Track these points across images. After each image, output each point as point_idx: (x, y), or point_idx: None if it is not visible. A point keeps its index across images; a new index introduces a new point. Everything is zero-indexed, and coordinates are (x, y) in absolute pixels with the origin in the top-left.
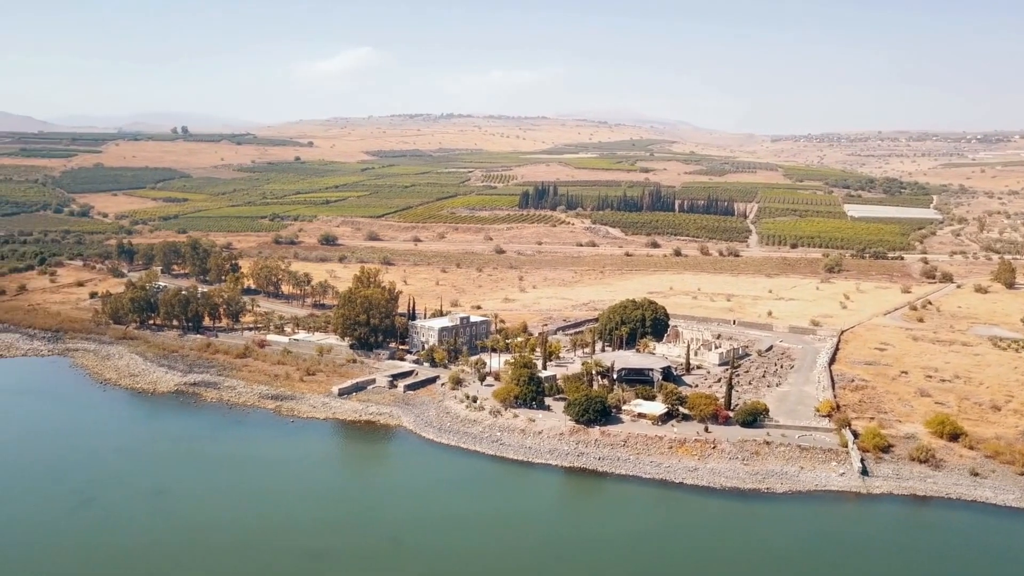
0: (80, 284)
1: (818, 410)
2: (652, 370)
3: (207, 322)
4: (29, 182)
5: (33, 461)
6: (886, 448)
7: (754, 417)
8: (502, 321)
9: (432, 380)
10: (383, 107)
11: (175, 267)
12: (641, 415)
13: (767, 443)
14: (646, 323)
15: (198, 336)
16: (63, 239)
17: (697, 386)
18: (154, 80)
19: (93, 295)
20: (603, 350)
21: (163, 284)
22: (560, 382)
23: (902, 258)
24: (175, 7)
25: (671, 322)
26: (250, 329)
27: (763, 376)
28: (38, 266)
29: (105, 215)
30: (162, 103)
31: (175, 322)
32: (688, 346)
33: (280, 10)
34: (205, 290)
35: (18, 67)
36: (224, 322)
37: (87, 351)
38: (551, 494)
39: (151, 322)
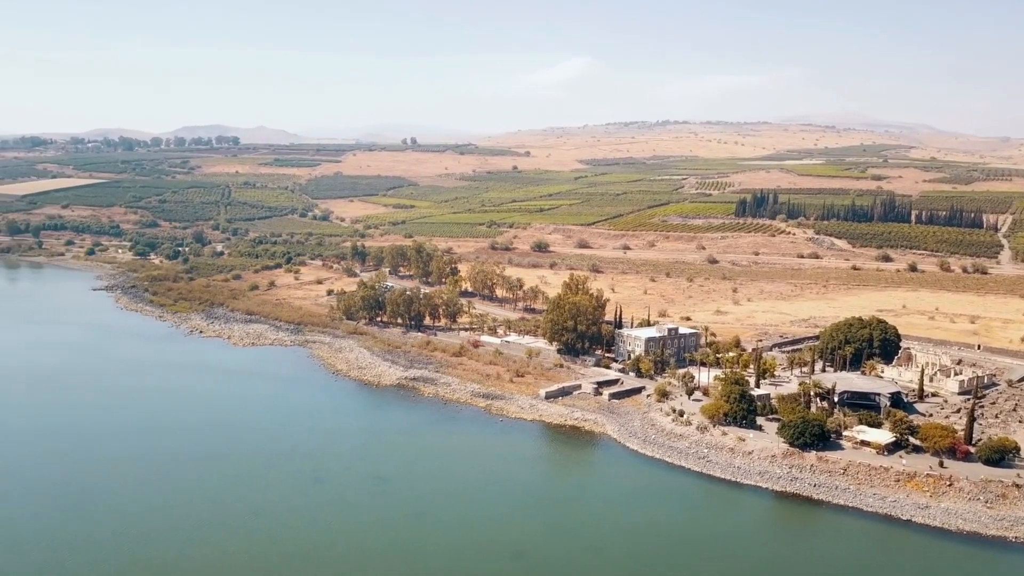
0: (319, 282)
1: None
2: (879, 395)
3: (428, 321)
4: (280, 189)
5: (276, 439)
6: None
7: (1001, 455)
8: (712, 334)
9: (637, 390)
10: (598, 115)
11: (401, 269)
12: (864, 443)
13: (1017, 486)
14: (873, 343)
15: (419, 334)
16: (306, 240)
17: (931, 416)
18: (389, 94)
19: (330, 292)
20: (823, 370)
21: (390, 284)
22: (774, 402)
23: None
24: (408, 27)
25: (903, 344)
26: (466, 329)
27: (1014, 409)
28: (285, 265)
29: (342, 219)
30: (395, 115)
31: (399, 320)
32: (922, 371)
33: (504, 24)
34: (427, 291)
35: (276, 88)
36: (443, 322)
37: (322, 343)
38: (761, 517)
39: (378, 319)
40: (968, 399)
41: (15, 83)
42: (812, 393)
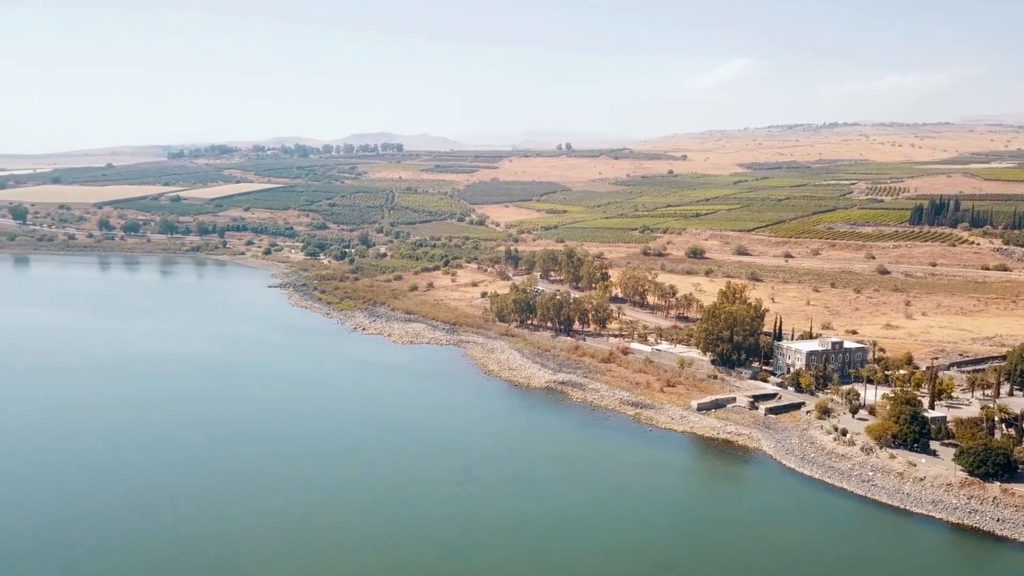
0: (474, 284)
1: None
2: None
3: (577, 326)
4: (440, 194)
5: (432, 436)
6: None
7: None
8: (881, 350)
9: (796, 406)
10: (760, 118)
11: (552, 273)
12: None
13: None
14: None
15: (568, 338)
16: (463, 244)
17: None
18: (546, 99)
19: (483, 295)
20: (1010, 394)
21: (541, 288)
22: (951, 425)
23: None
24: (565, 31)
25: None
26: (615, 336)
27: None
28: (443, 267)
29: (497, 224)
30: (551, 121)
31: (549, 323)
32: None
33: (662, 27)
34: (577, 296)
35: (435, 96)
36: (592, 327)
37: (475, 344)
38: (933, 550)
39: (529, 322)
40: None
41: (209, 96)
42: (997, 418)
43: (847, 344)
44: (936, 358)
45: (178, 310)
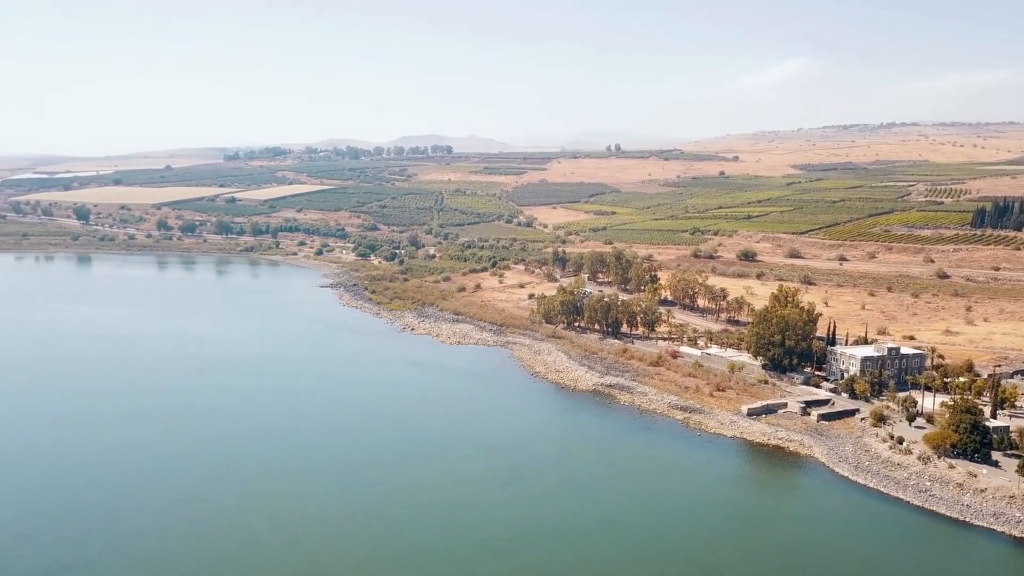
0: (521, 286)
1: None
2: None
3: (625, 328)
4: (488, 196)
5: (479, 436)
6: None
7: None
8: (940, 356)
9: (850, 413)
10: (814, 118)
11: (600, 275)
12: None
13: None
14: None
15: (616, 341)
16: (510, 246)
17: None
18: (596, 100)
19: (531, 296)
20: None
21: (588, 290)
22: (1014, 436)
23: None
24: (615, 33)
25: None
26: (664, 339)
27: None
28: (490, 268)
29: (545, 225)
30: (601, 122)
31: (596, 326)
32: None
33: (713, 28)
34: (625, 298)
35: (484, 99)
36: (640, 330)
37: (522, 345)
38: (994, 564)
39: (576, 324)
40: None
41: (263, 98)
42: None
43: (904, 350)
44: (999, 365)
45: (233, 309)
